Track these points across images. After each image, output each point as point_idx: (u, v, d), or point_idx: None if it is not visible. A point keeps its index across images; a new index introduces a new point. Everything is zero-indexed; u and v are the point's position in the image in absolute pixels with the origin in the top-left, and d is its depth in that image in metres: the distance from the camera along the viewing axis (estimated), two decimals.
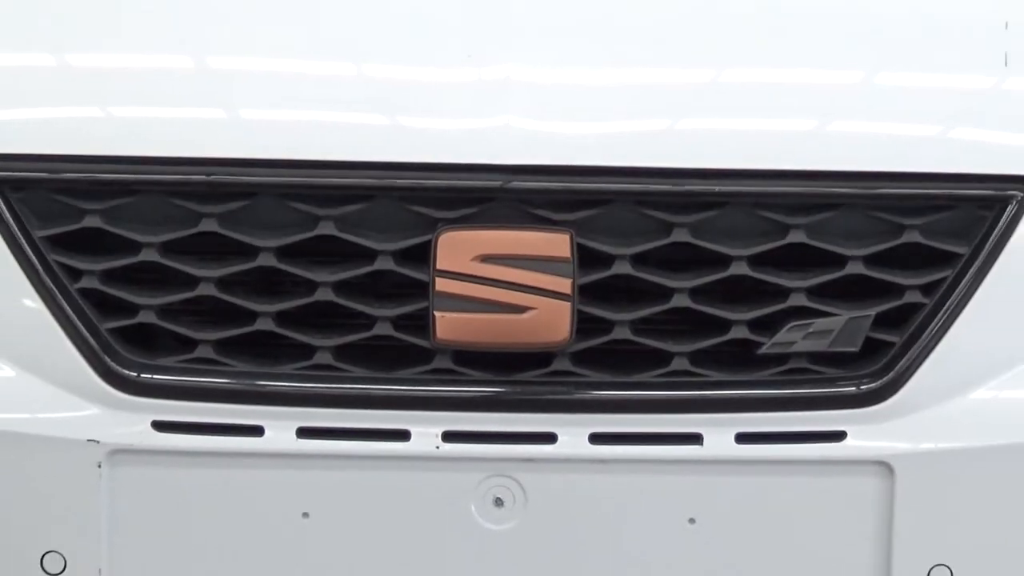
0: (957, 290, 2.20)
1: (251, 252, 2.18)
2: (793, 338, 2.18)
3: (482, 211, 2.18)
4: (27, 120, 2.28)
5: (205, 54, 2.37)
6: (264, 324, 2.18)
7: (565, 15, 2.37)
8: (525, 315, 2.13)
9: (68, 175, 2.20)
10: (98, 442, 2.16)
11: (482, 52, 2.30)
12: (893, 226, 2.21)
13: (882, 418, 2.19)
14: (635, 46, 2.35)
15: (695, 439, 2.18)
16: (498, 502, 2.17)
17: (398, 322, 2.17)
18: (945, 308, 2.20)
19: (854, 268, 2.19)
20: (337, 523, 2.19)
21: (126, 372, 2.18)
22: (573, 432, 2.18)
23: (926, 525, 2.19)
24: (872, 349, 2.20)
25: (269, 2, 2.45)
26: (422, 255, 2.15)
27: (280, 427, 2.18)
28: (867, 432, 2.19)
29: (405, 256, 2.17)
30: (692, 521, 2.19)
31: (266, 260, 2.17)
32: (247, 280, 2.19)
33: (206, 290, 2.18)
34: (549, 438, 2.18)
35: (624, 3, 2.44)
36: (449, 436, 2.17)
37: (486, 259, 2.13)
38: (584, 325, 2.16)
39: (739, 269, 2.18)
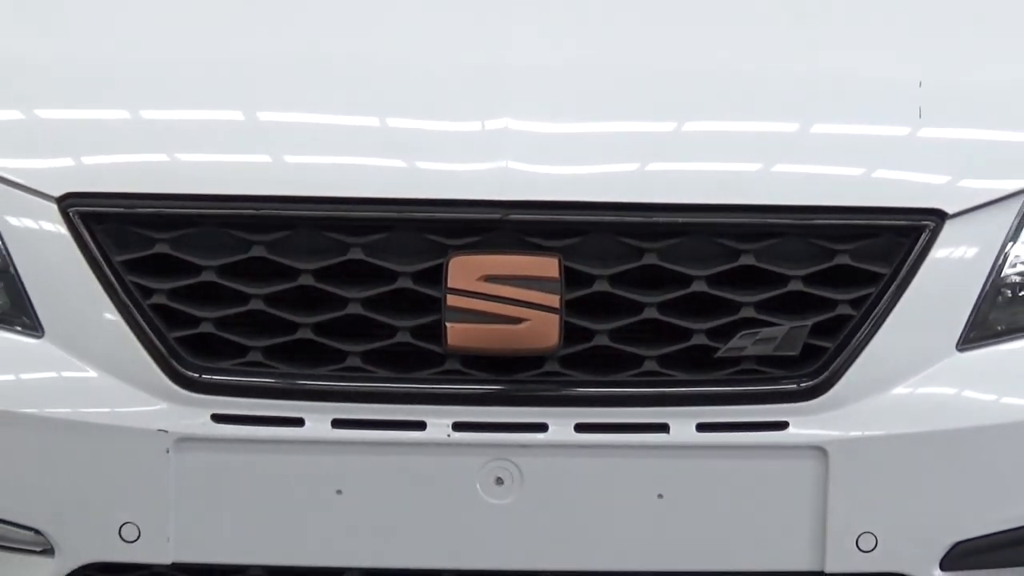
0: (880, 304, 2.22)
1: (293, 274, 2.19)
2: (744, 344, 2.19)
3: (485, 239, 2.19)
4: (107, 164, 2.29)
5: (252, 107, 2.37)
6: (304, 333, 2.19)
7: (552, 78, 2.38)
8: (521, 325, 2.15)
9: (141, 210, 2.21)
10: (166, 432, 2.18)
11: (484, 107, 2.30)
12: (827, 251, 2.22)
13: (818, 410, 2.20)
14: (611, 103, 2.37)
15: (663, 428, 2.19)
16: (499, 481, 2.19)
17: (415, 331, 2.19)
18: (870, 319, 2.21)
19: (794, 286, 2.21)
20: (365, 498, 2.20)
21: (190, 373, 2.19)
22: (561, 422, 2.19)
23: (855, 499, 2.20)
24: (810, 353, 2.21)
25: (306, 65, 2.45)
26: (435, 276, 2.17)
27: (317, 419, 2.19)
28: (805, 422, 2.20)
29: (421, 276, 2.18)
30: (661, 496, 2.20)
31: (305, 280, 2.18)
32: (289, 297, 2.20)
33: (256, 305, 2.19)
34: (541, 428, 2.19)
35: (600, 69, 2.44)
36: (458, 426, 2.19)
37: (489, 279, 2.15)
38: (570, 333, 2.18)
39: (699, 287, 2.20)
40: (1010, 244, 2.28)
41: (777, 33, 2.58)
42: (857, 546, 2.22)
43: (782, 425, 2.21)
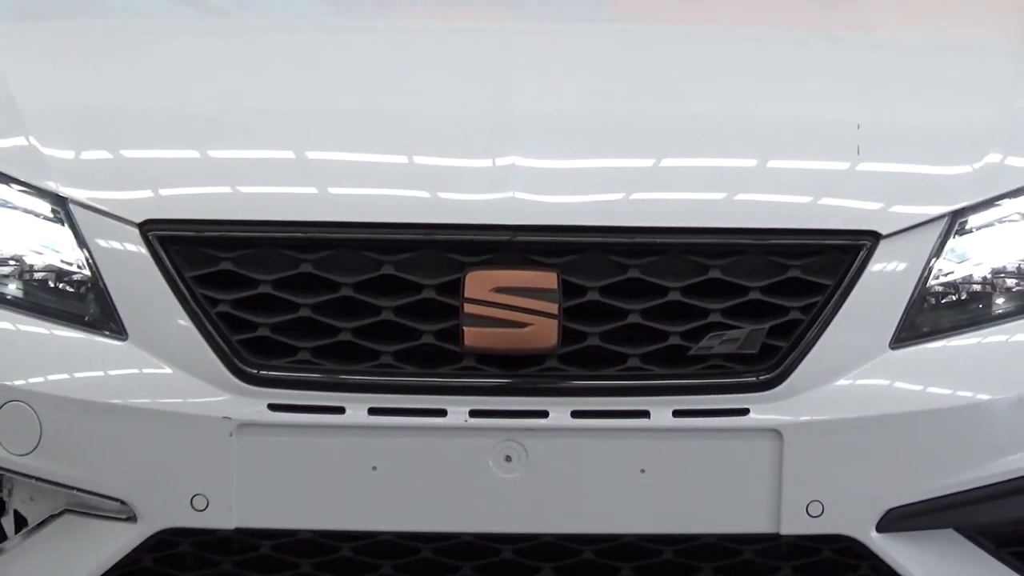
0: (826, 310, 2.22)
1: (335, 286, 2.20)
2: (712, 344, 2.20)
3: (496, 257, 2.20)
4: (180, 194, 2.30)
5: (301, 147, 2.37)
6: (345, 336, 2.20)
7: (550, 123, 2.39)
8: (526, 329, 2.17)
9: (208, 233, 2.22)
10: (230, 419, 2.19)
11: (494, 147, 2.31)
12: (781, 265, 2.23)
13: (774, 399, 2.21)
14: (599, 142, 2.37)
15: (644, 414, 2.20)
16: (508, 458, 2.20)
17: (437, 334, 2.19)
18: (817, 323, 2.22)
19: (754, 295, 2.22)
20: (396, 473, 2.21)
21: (249, 370, 2.20)
22: (560, 410, 2.20)
23: (805, 473, 2.21)
24: (767, 351, 2.22)
25: (344, 113, 2.46)
26: (454, 288, 2.18)
27: (356, 407, 2.20)
28: (763, 409, 2.21)
29: (442, 288, 2.19)
30: (643, 471, 2.21)
31: (346, 292, 2.20)
32: (332, 305, 2.21)
33: (304, 313, 2.20)
34: (543, 414, 2.20)
35: (590, 115, 2.45)
36: (474, 413, 2.19)
37: (499, 290, 2.16)
38: (567, 335, 2.19)
39: (674, 296, 2.21)
40: (933, 260, 2.29)
41: (742, 85, 2.58)
42: (807, 512, 2.22)
43: (744, 411, 2.22)
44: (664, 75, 2.59)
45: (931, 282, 2.30)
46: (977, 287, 2.33)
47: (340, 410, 2.21)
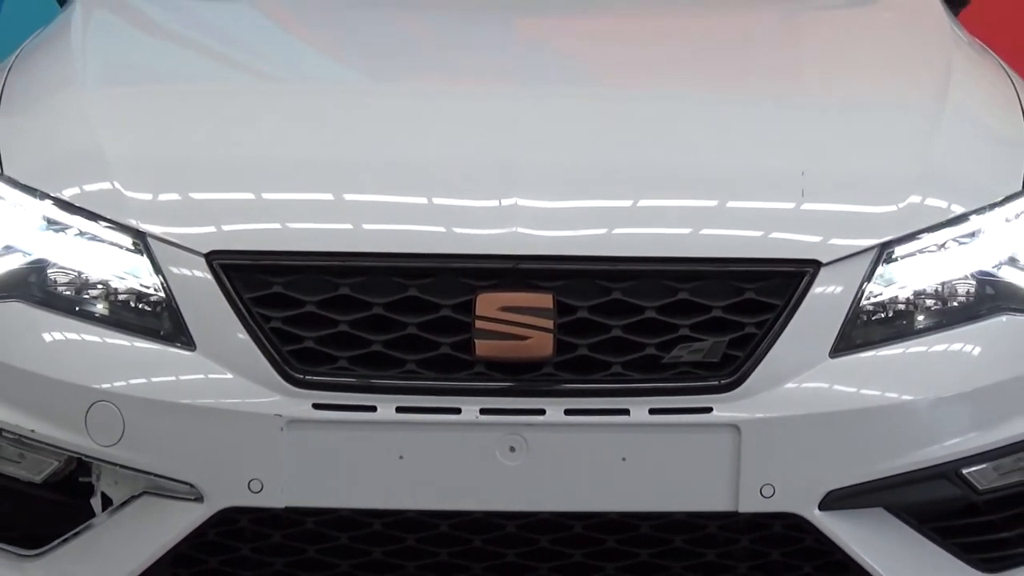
0: (776, 326, 2.23)
1: (368, 306, 2.21)
2: (681, 354, 2.21)
3: (502, 281, 2.21)
4: (239, 230, 2.32)
5: (340, 189, 2.39)
6: (376, 347, 2.21)
7: (546, 170, 2.40)
8: (526, 341, 2.18)
9: (263, 262, 2.24)
10: (280, 416, 2.20)
11: (500, 190, 2.32)
12: (738, 288, 2.24)
13: (733, 399, 2.21)
14: (586, 186, 2.38)
15: (625, 412, 2.21)
16: (512, 449, 2.20)
17: (453, 346, 2.20)
18: (769, 336, 2.23)
19: (716, 313, 2.22)
20: (419, 461, 2.21)
21: (297, 375, 2.20)
22: (555, 408, 2.20)
23: (759, 461, 2.22)
24: (727, 360, 2.22)
25: (373, 161, 2.46)
26: (467, 307, 2.19)
27: (386, 406, 2.20)
28: (724, 408, 2.21)
29: (457, 308, 2.20)
30: (624, 459, 2.22)
31: (377, 310, 2.20)
32: (366, 322, 2.22)
33: (342, 328, 2.21)
34: (541, 412, 2.20)
35: (578, 164, 2.44)
36: (483, 411, 2.20)
37: (504, 309, 2.17)
38: (561, 346, 2.19)
39: (650, 314, 2.21)
40: (865, 283, 2.29)
41: (706, 138, 2.57)
42: (761, 493, 2.22)
43: (708, 410, 2.22)
44: (640, 130, 2.58)
45: (863, 302, 2.30)
46: (901, 306, 2.34)
47: (372, 408, 2.21)
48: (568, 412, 2.21)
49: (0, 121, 2.59)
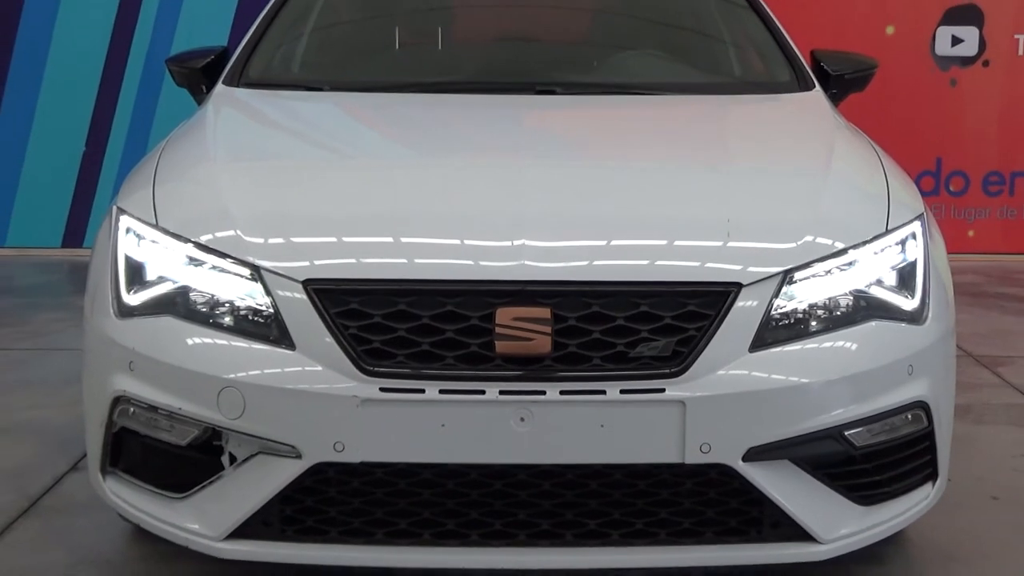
0: (710, 330, 2.24)
1: (418, 317, 2.22)
2: (642, 350, 2.22)
3: (514, 299, 2.21)
4: (326, 263, 2.31)
5: (398, 234, 2.38)
6: (424, 347, 2.21)
7: (547, 219, 2.39)
8: (532, 342, 2.19)
9: (343, 287, 2.25)
10: (357, 397, 2.20)
11: (512, 233, 2.32)
12: (683, 303, 2.24)
13: (680, 383, 2.21)
14: (575, 230, 2.38)
15: (603, 392, 2.21)
16: (522, 419, 2.20)
17: (479, 346, 2.21)
18: (705, 337, 2.23)
19: (667, 321, 2.23)
20: (456, 428, 2.22)
21: (368, 368, 2.21)
22: (552, 390, 2.21)
23: (698, 426, 2.22)
24: (676, 354, 2.22)
25: (422, 213, 2.45)
26: (490, 318, 2.20)
27: (432, 389, 2.20)
28: (674, 389, 2.21)
29: (482, 318, 2.20)
30: (602, 426, 2.22)
31: (425, 321, 2.21)
32: (417, 329, 2.22)
33: (400, 334, 2.22)
34: (543, 392, 2.20)
35: (570, 214, 2.44)
36: (502, 392, 2.20)
37: (516, 319, 2.19)
38: (557, 346, 2.20)
39: (620, 322, 2.22)
40: (774, 299, 2.30)
41: (660, 195, 2.57)
42: (700, 450, 2.23)
43: (662, 390, 2.22)
44: (612, 190, 2.58)
45: (773, 312, 2.30)
46: (800, 315, 2.34)
47: (422, 391, 2.21)
48: (562, 392, 2.21)
49: (157, 187, 2.59)
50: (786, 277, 2.32)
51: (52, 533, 2.97)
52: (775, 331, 2.30)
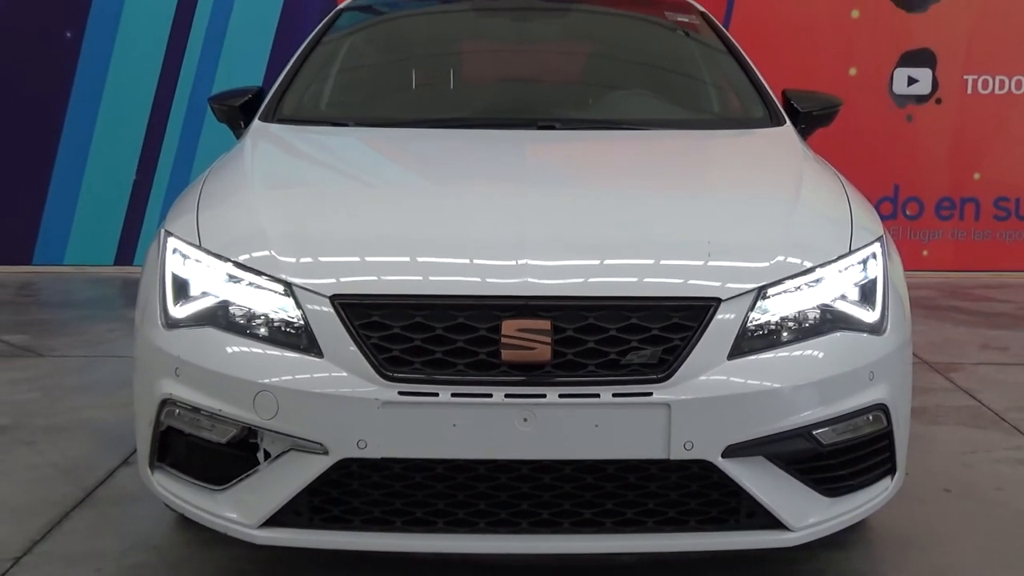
0: (692, 340, 2.23)
1: (432, 329, 2.21)
2: (632, 358, 2.21)
3: (518, 312, 2.21)
4: (350, 280, 2.29)
5: (413, 254, 2.37)
6: (438, 355, 2.21)
7: (548, 241, 2.38)
8: (534, 350, 2.19)
9: (366, 301, 2.24)
10: (378, 399, 2.20)
11: (517, 253, 2.31)
12: (669, 315, 2.23)
13: (666, 387, 2.21)
14: (573, 251, 2.37)
15: (597, 396, 2.20)
16: (525, 419, 2.19)
17: (487, 354, 2.20)
18: (688, 346, 2.22)
19: (654, 332, 2.22)
20: (467, 428, 2.21)
21: (388, 373, 2.20)
22: (552, 393, 2.20)
23: (683, 426, 2.21)
24: (662, 362, 2.22)
25: (435, 237, 2.43)
26: (497, 329, 2.19)
27: (445, 392, 2.20)
28: (660, 392, 2.20)
29: (490, 330, 2.20)
30: (597, 426, 2.21)
31: (439, 332, 2.20)
32: (431, 339, 2.21)
33: (416, 343, 2.21)
34: (544, 396, 2.20)
35: (569, 238, 2.42)
36: (507, 395, 2.19)
37: (520, 330, 2.18)
38: (556, 354, 2.19)
39: (612, 333, 2.21)
40: (750, 312, 2.29)
41: (649, 219, 2.55)
42: (684, 447, 2.22)
43: (649, 394, 2.21)
44: (606, 214, 2.57)
45: (748, 324, 2.29)
46: (773, 327, 2.33)
47: (436, 394, 2.20)
48: (561, 396, 2.20)
49: (200, 212, 2.59)
50: (760, 293, 2.31)
51: (105, 521, 2.97)
52: (751, 341, 2.29)
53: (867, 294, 2.47)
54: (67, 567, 2.71)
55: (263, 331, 2.33)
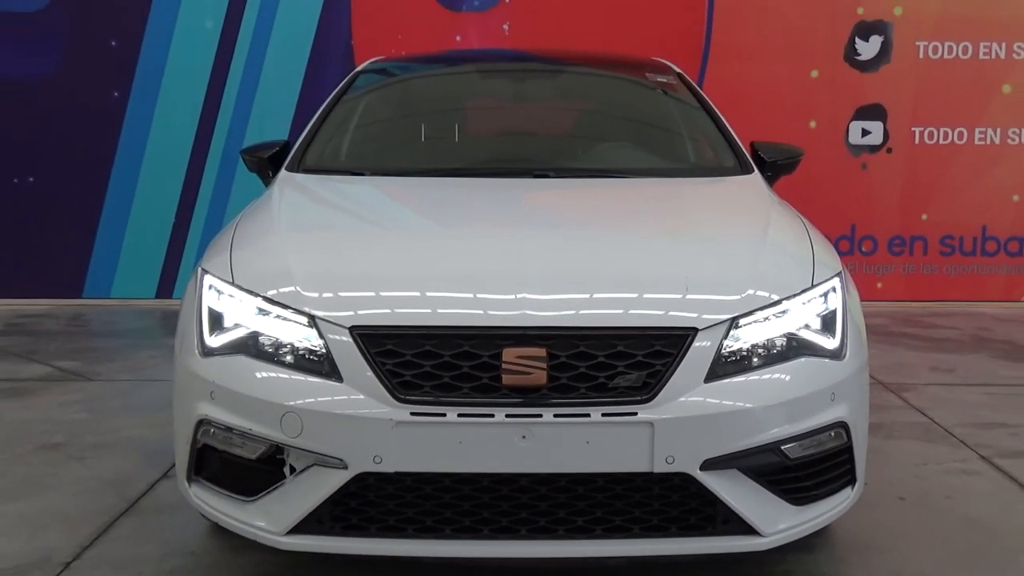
0: (673, 365, 2.23)
1: (440, 356, 2.21)
2: (619, 382, 2.21)
3: (517, 341, 2.21)
4: (367, 313, 2.30)
5: (423, 289, 2.36)
6: (446, 380, 2.20)
7: (544, 278, 2.38)
8: (531, 375, 2.19)
9: (382, 332, 2.24)
10: (392, 420, 2.19)
11: (516, 288, 2.32)
12: (651, 343, 2.24)
13: (649, 408, 2.20)
14: (566, 287, 2.36)
15: (587, 415, 2.20)
16: (524, 437, 2.19)
17: (489, 379, 2.20)
18: (669, 371, 2.22)
19: (639, 358, 2.22)
20: (472, 445, 2.20)
21: (401, 396, 2.20)
22: (548, 413, 2.19)
23: (664, 442, 2.20)
24: (646, 385, 2.21)
25: (439, 274, 2.42)
26: (499, 356, 2.19)
27: (452, 413, 2.19)
28: (644, 412, 2.20)
29: (492, 356, 2.20)
30: (588, 442, 2.21)
31: (446, 359, 2.20)
32: (440, 365, 2.21)
33: (427, 369, 2.21)
34: (540, 415, 2.19)
35: (563, 274, 2.43)
36: (507, 415, 2.19)
37: (519, 357, 2.18)
38: (551, 379, 2.19)
39: (600, 359, 2.21)
40: (723, 340, 2.29)
41: (632, 257, 2.55)
42: (666, 461, 2.21)
43: (635, 413, 2.21)
44: (595, 254, 2.57)
45: (723, 351, 2.29)
46: (744, 353, 2.33)
47: (443, 415, 2.20)
48: (555, 415, 2.20)
49: (233, 252, 2.60)
50: (733, 323, 2.31)
51: (147, 529, 2.96)
52: (725, 366, 2.29)
53: (828, 323, 2.47)
54: (113, 571, 2.69)
55: (289, 358, 2.33)
